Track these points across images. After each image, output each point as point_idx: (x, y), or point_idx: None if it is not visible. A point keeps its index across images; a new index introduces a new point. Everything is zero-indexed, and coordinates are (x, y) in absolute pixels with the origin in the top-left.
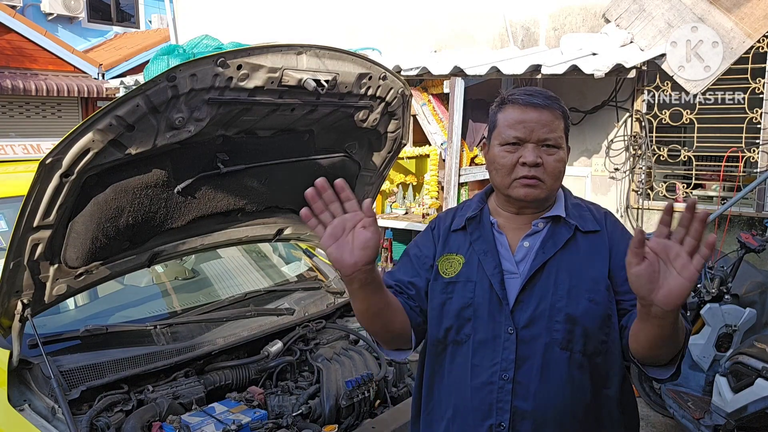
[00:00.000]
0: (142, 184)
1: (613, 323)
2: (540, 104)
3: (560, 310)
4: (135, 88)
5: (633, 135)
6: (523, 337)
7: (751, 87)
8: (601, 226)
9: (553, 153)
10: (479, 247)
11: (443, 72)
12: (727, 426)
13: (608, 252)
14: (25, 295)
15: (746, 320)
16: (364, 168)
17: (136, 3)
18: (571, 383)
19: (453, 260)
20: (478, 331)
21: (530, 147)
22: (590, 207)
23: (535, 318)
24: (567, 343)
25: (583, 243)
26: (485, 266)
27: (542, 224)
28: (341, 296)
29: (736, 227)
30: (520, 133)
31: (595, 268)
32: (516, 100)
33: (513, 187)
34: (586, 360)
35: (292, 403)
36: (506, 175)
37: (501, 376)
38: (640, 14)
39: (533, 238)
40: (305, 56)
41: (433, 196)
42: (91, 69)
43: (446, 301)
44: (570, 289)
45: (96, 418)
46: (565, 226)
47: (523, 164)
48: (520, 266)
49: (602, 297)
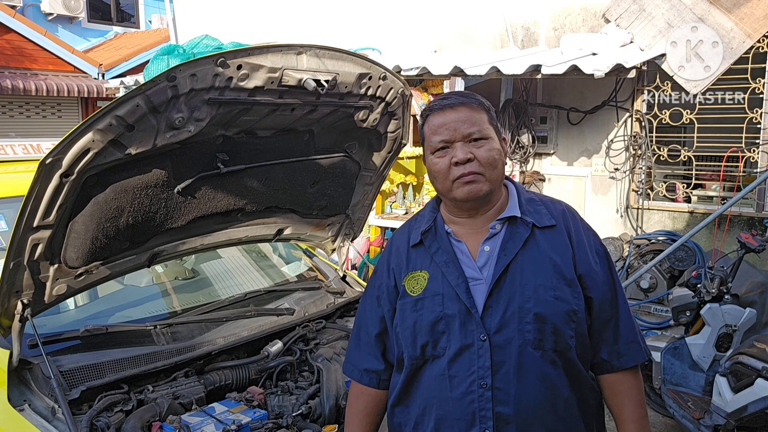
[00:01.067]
0: (142, 184)
1: (580, 318)
2: (455, 103)
3: (529, 310)
4: (135, 88)
5: (633, 135)
6: (496, 342)
7: (751, 87)
8: (557, 220)
9: (482, 145)
10: (440, 259)
11: (443, 72)
12: (727, 426)
13: (569, 248)
14: (25, 295)
15: (746, 320)
16: (364, 168)
17: (136, 3)
18: (546, 381)
19: (418, 277)
20: (452, 343)
21: (458, 146)
22: (545, 201)
23: (505, 322)
24: (539, 342)
25: (541, 239)
26: (449, 277)
27: (499, 226)
28: (341, 296)
29: (736, 227)
30: (444, 135)
31: (555, 265)
32: (433, 107)
33: (454, 189)
34: (557, 356)
35: (292, 403)
36: (444, 179)
37: (480, 384)
38: (640, 14)
39: (492, 241)
40: (305, 56)
41: (433, 196)
42: (91, 69)
43: (417, 319)
44: (536, 288)
45: (96, 418)
46: (523, 225)
47: (456, 164)
48: (483, 271)
49: (566, 293)
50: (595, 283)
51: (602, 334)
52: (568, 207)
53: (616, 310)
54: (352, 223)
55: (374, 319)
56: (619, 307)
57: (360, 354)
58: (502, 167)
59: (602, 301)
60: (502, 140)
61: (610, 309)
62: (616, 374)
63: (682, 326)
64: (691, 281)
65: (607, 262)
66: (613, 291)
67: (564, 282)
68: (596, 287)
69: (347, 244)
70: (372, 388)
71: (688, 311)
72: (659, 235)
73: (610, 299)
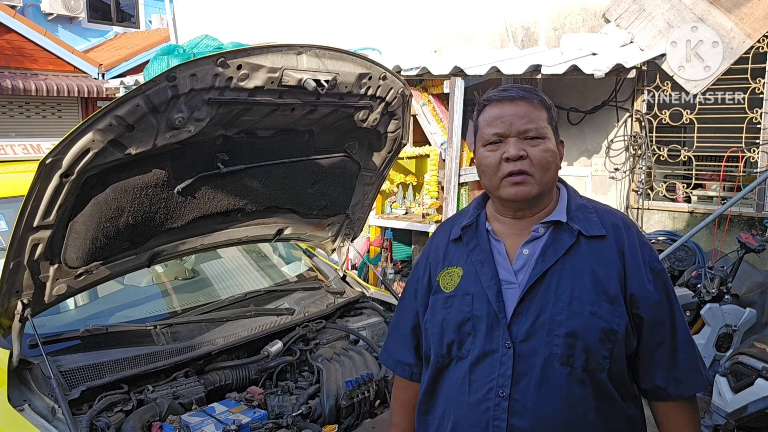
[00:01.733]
0: (142, 184)
1: (618, 339)
2: (515, 96)
3: (560, 323)
4: (135, 88)
5: (633, 135)
6: (521, 351)
7: (751, 87)
8: (607, 231)
9: (537, 144)
10: (476, 257)
11: (443, 72)
12: (727, 426)
13: (618, 263)
14: (25, 295)
15: (746, 320)
16: (364, 168)
17: (136, 3)
18: (571, 400)
19: (452, 273)
20: (477, 346)
21: (512, 141)
22: (599, 209)
23: (533, 331)
24: (567, 358)
25: (587, 249)
26: (482, 277)
27: (543, 229)
28: (341, 296)
29: (736, 227)
30: (498, 128)
31: (597, 278)
32: (491, 98)
33: (502, 187)
34: (587, 376)
35: (292, 403)
36: (493, 174)
37: (497, 392)
38: (640, 14)
39: (533, 245)
40: (305, 56)
41: (433, 196)
42: (91, 69)
43: (446, 317)
44: (571, 300)
45: (96, 418)
46: (568, 231)
47: (506, 160)
48: (518, 276)
49: (605, 310)
50: (646, 303)
51: (655, 357)
52: (624, 219)
53: (673, 333)
54: (352, 223)
55: (410, 313)
56: (677, 329)
57: (396, 344)
58: (554, 170)
59: (654, 322)
60: (560, 143)
61: (664, 331)
62: (672, 403)
63: None
64: (691, 281)
65: (663, 282)
66: (670, 312)
67: (605, 298)
68: (647, 307)
69: (347, 244)
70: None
71: (688, 311)
72: (659, 235)
73: (664, 321)
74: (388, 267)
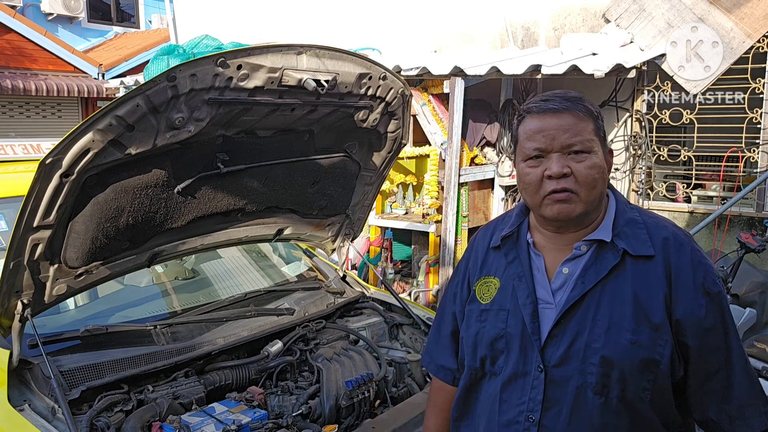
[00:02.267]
0: (142, 184)
1: (662, 370)
2: (557, 108)
3: (596, 350)
4: (135, 88)
5: (633, 135)
6: (553, 376)
7: (751, 87)
8: (656, 250)
9: (582, 159)
10: (513, 271)
11: (443, 72)
12: None
13: (664, 286)
14: (25, 295)
15: (746, 320)
16: (364, 168)
17: (136, 3)
18: (604, 430)
19: (490, 284)
20: (509, 365)
21: (554, 157)
22: (650, 224)
23: (568, 357)
24: (602, 388)
25: (631, 271)
26: (518, 293)
27: (585, 247)
28: (341, 296)
29: (736, 227)
30: (540, 143)
31: (639, 303)
32: (531, 108)
33: (544, 205)
34: (625, 407)
35: (292, 403)
36: (534, 192)
37: (527, 417)
38: (640, 14)
39: (574, 263)
40: (305, 56)
41: (433, 196)
42: (91, 69)
43: (480, 330)
44: (610, 327)
45: (96, 418)
46: (612, 251)
47: (549, 177)
48: (557, 296)
49: (647, 339)
50: (695, 330)
51: (707, 387)
52: (676, 234)
53: (728, 363)
54: (352, 223)
55: (450, 316)
56: (733, 360)
57: (438, 348)
58: (602, 186)
59: (705, 350)
60: (609, 153)
61: (717, 360)
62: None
63: None
64: None
65: (719, 306)
66: (724, 340)
67: (647, 325)
68: (697, 334)
69: (347, 244)
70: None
71: None
72: None
73: (717, 348)
74: (388, 267)
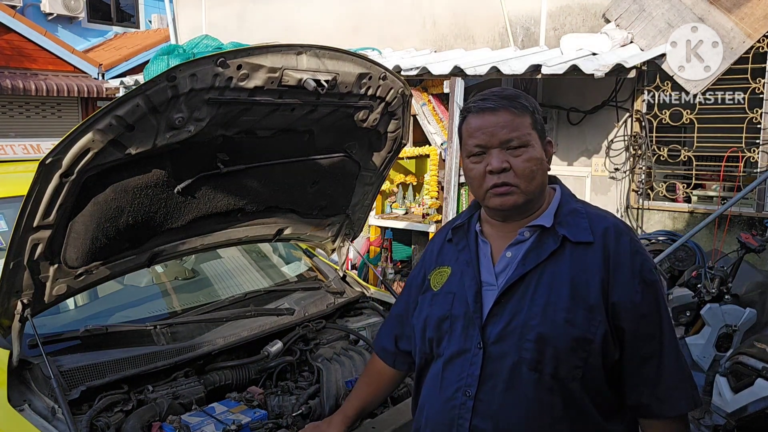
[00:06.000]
0: (142, 184)
1: (593, 349)
2: (494, 107)
3: (532, 327)
4: (135, 88)
5: (633, 135)
6: (490, 353)
7: (751, 87)
8: (596, 237)
9: (520, 153)
10: (463, 258)
11: (443, 72)
12: (727, 426)
13: (601, 270)
14: (25, 295)
15: (746, 320)
16: (364, 168)
17: (136, 3)
18: (537, 407)
19: (442, 272)
20: (452, 344)
21: (494, 152)
22: (591, 214)
23: (505, 334)
24: (536, 364)
25: (571, 255)
26: (464, 278)
27: (528, 233)
28: (341, 296)
29: (736, 227)
30: (480, 140)
31: (576, 285)
32: (471, 108)
33: (487, 198)
34: (557, 384)
35: (292, 403)
36: (479, 186)
37: (464, 392)
38: (640, 14)
39: (517, 248)
40: (305, 56)
41: (433, 196)
42: (91, 69)
43: (429, 314)
44: (546, 305)
45: (96, 418)
46: (553, 236)
47: (490, 172)
48: (500, 278)
49: (581, 318)
50: (630, 314)
51: (640, 373)
52: (617, 224)
53: (659, 349)
54: (352, 223)
55: (400, 302)
56: (664, 346)
57: (383, 329)
58: (541, 176)
59: (639, 336)
60: (548, 143)
61: (651, 346)
62: (657, 421)
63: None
64: (691, 281)
65: (654, 294)
66: (657, 327)
67: (582, 306)
68: (631, 318)
69: (347, 244)
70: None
71: (688, 311)
72: (659, 235)
73: (652, 335)
74: (388, 267)
